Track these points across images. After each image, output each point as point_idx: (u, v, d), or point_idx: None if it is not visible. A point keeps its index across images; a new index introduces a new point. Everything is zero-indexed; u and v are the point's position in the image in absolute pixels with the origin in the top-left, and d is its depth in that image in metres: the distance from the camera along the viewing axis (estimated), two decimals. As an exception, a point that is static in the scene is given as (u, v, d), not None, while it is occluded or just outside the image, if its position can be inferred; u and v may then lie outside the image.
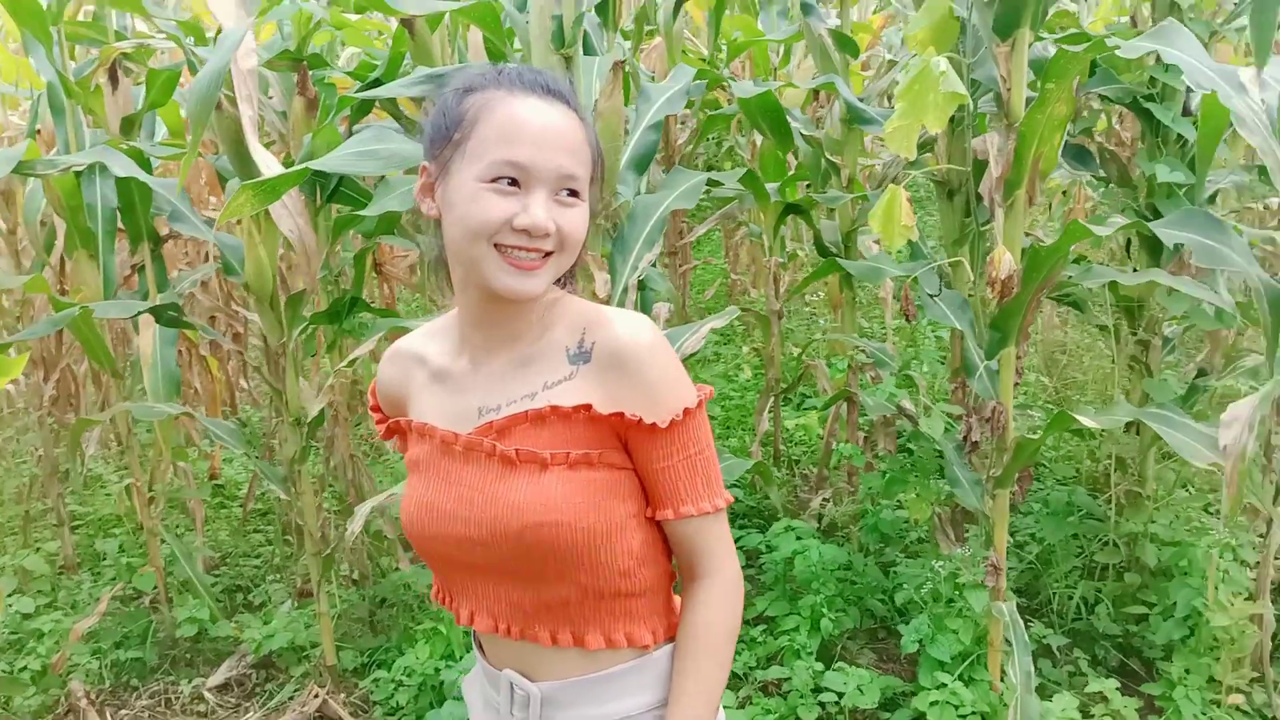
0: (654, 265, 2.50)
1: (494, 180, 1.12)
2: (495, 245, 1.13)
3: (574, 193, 1.16)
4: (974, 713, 2.62)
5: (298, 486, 3.04)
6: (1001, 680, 2.69)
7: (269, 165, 1.99)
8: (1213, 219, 1.95)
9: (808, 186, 3.59)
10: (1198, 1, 2.62)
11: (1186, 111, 2.87)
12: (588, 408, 1.16)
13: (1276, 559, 2.62)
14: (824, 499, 3.69)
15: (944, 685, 2.65)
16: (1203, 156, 2.19)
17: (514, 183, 1.13)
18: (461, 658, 2.95)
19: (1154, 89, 2.89)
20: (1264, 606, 2.54)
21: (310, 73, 2.96)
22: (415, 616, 3.31)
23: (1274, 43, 1.82)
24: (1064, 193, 4.80)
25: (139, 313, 2.86)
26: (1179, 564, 2.91)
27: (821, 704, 2.76)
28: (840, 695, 2.74)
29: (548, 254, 1.15)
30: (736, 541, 2.54)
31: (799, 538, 3.14)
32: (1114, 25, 3.61)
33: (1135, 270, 2.99)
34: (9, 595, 3.40)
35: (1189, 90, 2.79)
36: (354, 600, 3.45)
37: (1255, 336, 3.66)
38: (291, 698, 3.09)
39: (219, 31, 2.25)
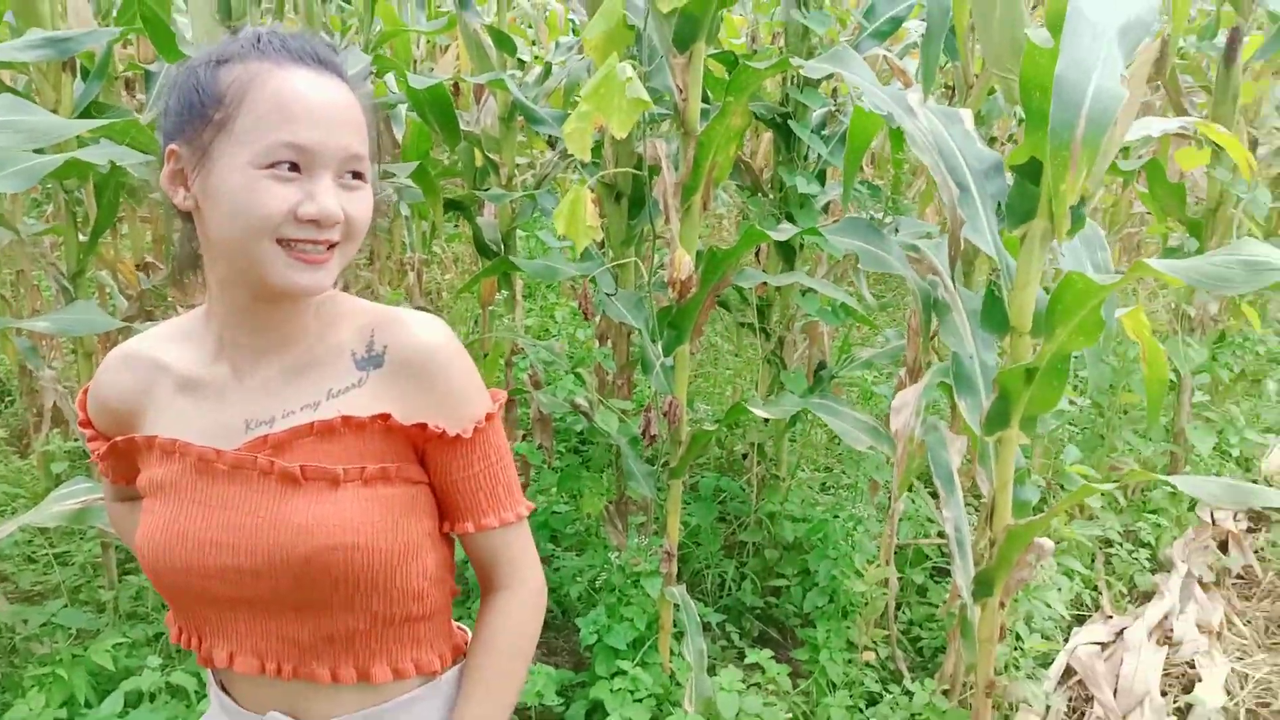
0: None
1: (271, 166, 0.98)
2: (278, 240, 0.99)
3: (358, 175, 1.04)
4: (650, 695, 2.73)
5: None
6: (671, 660, 2.83)
7: None
8: (874, 228, 2.19)
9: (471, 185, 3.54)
10: (829, 31, 2.91)
11: (815, 130, 3.18)
12: (385, 418, 1.06)
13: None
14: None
15: (623, 672, 2.73)
16: (849, 169, 2.44)
17: (294, 167, 0.99)
18: (91, 704, 2.57)
19: (788, 107, 3.18)
20: (890, 571, 2.88)
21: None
22: (15, 662, 2.84)
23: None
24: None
25: None
26: (813, 537, 3.22)
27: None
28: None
29: (333, 245, 1.03)
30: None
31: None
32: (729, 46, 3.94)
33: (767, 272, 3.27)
34: None
35: (821, 108, 3.09)
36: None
37: (868, 333, 4.15)
38: None
39: None
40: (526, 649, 1.17)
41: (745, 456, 3.65)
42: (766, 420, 3.43)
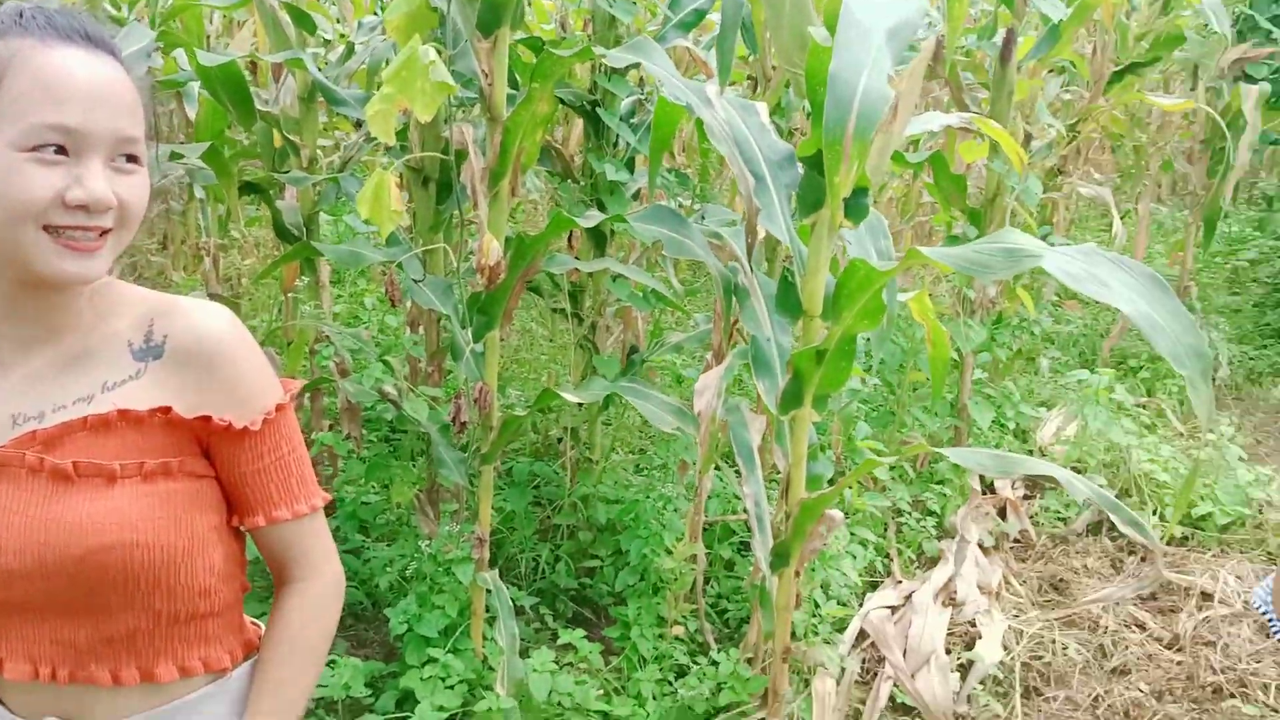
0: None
1: (36, 148, 0.93)
2: (44, 227, 0.94)
3: (133, 158, 1.00)
4: (461, 680, 2.72)
5: None
6: (484, 645, 2.83)
7: None
8: (678, 215, 2.25)
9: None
10: (635, 19, 2.96)
11: (624, 117, 3.23)
12: (166, 410, 1.02)
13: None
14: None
15: (434, 660, 2.72)
16: (654, 158, 2.50)
17: (61, 150, 0.95)
18: None
19: (597, 95, 3.21)
20: (698, 548, 2.98)
21: None
22: None
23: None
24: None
25: None
26: (626, 518, 3.29)
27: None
28: (323, 686, 2.68)
29: (105, 231, 0.98)
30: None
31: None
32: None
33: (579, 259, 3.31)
34: None
35: (629, 96, 3.13)
36: None
37: (680, 317, 4.24)
38: None
39: None
40: (321, 643, 1.15)
41: (560, 441, 3.68)
42: (580, 404, 3.47)
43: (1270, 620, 1.36)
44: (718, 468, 3.41)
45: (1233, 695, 3.02)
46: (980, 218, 3.60)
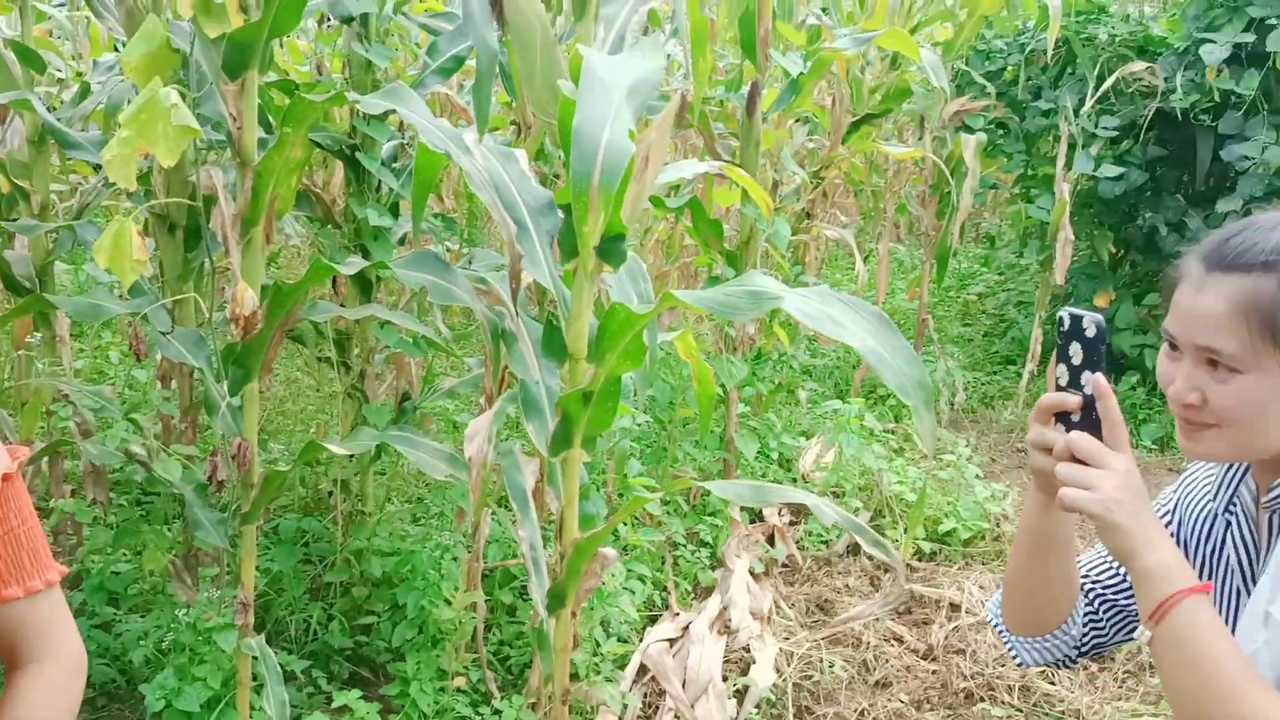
0: None
1: None
2: None
3: None
4: (230, 756, 2.57)
5: None
6: (251, 716, 2.69)
7: None
8: (442, 261, 2.24)
9: None
10: (393, 64, 2.94)
11: (386, 162, 3.19)
12: None
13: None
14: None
15: (198, 736, 2.56)
16: (417, 203, 2.48)
17: None
18: None
19: (356, 139, 3.16)
20: (477, 595, 2.95)
21: None
22: None
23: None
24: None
25: None
26: (402, 570, 3.21)
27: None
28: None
29: None
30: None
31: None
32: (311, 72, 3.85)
33: (345, 306, 3.23)
34: None
35: (388, 142, 3.10)
36: None
37: (455, 362, 4.20)
38: None
39: None
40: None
41: (330, 494, 3.56)
42: (352, 456, 3.37)
43: (1000, 631, 1.49)
44: (496, 513, 3.39)
45: (982, 699, 3.27)
46: (737, 259, 3.79)
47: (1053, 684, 3.33)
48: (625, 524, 3.23)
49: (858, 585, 3.98)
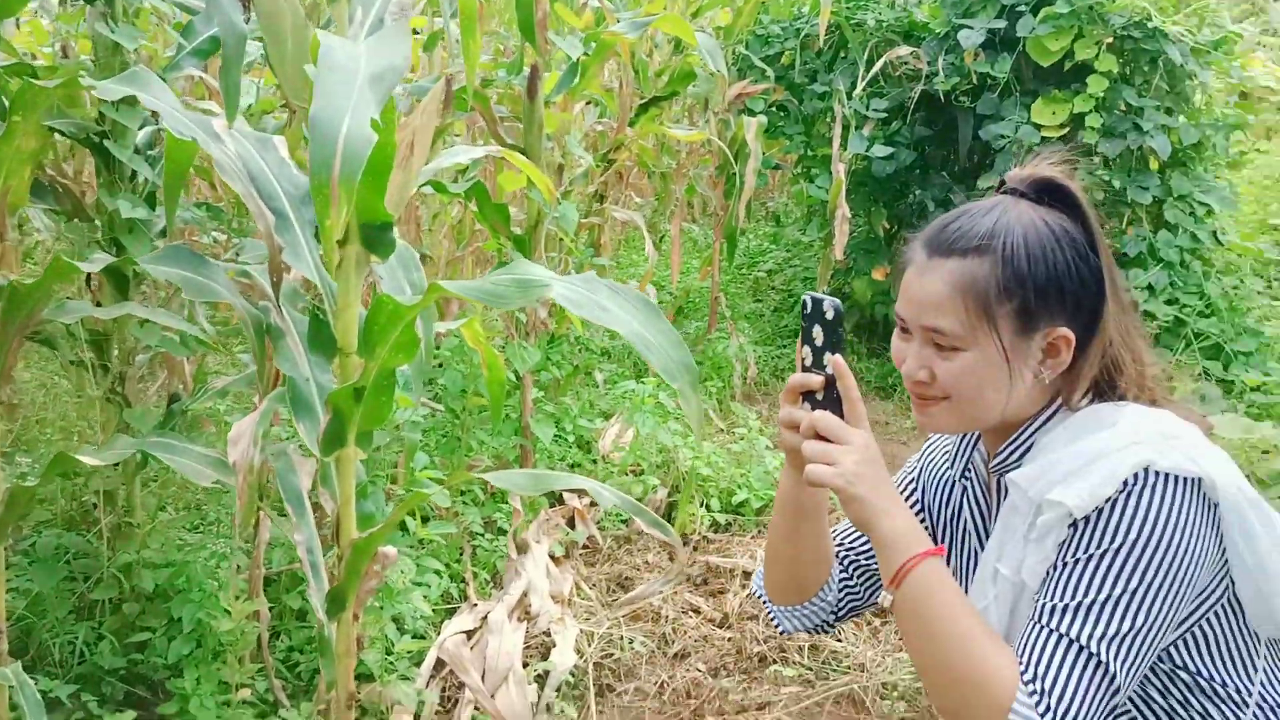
0: None
1: None
2: None
3: None
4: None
5: None
6: (12, 753, 2.48)
7: None
8: (198, 256, 2.11)
9: None
10: (146, 46, 2.75)
11: (141, 149, 2.98)
12: None
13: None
14: None
15: (-55, 782, 2.34)
16: (169, 195, 2.33)
17: None
18: None
19: (105, 126, 2.93)
20: (260, 603, 2.82)
21: None
22: None
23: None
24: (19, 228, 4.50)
25: None
26: (176, 583, 3.03)
27: None
28: None
29: None
30: None
31: None
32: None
33: (100, 304, 3.00)
34: None
35: (143, 129, 2.90)
36: None
37: (224, 361, 3.98)
38: None
39: None
40: None
41: (95, 507, 3.31)
42: (117, 465, 3.15)
43: (764, 601, 1.55)
44: (284, 514, 3.25)
45: (775, 661, 3.40)
46: (525, 244, 3.76)
47: (839, 640, 3.50)
48: (412, 518, 3.17)
49: (657, 561, 4.06)
